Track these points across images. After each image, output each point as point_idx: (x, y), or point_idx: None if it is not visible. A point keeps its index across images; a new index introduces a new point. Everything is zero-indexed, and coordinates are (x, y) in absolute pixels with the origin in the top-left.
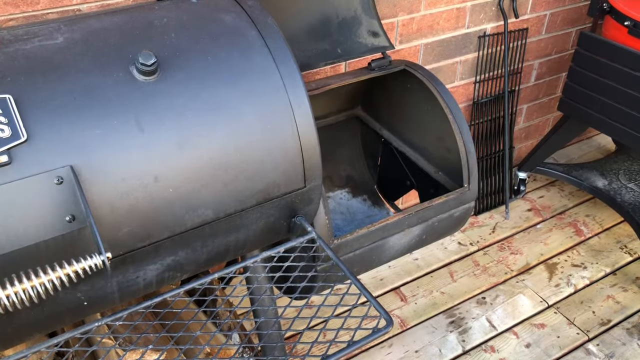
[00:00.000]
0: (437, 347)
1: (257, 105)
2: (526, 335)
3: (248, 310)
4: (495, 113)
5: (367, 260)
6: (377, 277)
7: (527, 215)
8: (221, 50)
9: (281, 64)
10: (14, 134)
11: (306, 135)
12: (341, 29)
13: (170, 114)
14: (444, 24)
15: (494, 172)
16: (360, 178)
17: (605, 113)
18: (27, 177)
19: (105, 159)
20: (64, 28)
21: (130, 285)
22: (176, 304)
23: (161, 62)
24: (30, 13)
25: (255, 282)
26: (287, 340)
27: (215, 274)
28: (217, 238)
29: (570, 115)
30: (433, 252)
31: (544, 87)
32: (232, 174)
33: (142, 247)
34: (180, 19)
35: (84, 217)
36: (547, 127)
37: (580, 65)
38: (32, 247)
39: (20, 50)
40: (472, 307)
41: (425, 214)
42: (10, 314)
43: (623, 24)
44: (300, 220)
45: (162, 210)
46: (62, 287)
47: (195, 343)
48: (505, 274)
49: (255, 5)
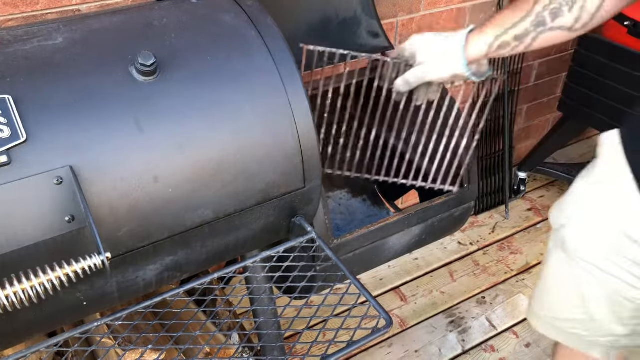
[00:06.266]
0: (437, 346)
1: (256, 106)
2: (526, 335)
3: (248, 310)
4: (495, 113)
5: (366, 260)
6: (376, 277)
7: (527, 215)
8: (221, 50)
9: (281, 64)
10: (13, 134)
11: (306, 135)
12: (341, 29)
13: (169, 114)
14: (444, 24)
15: (494, 172)
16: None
17: (605, 113)
18: (26, 178)
19: (104, 159)
20: (63, 28)
21: (130, 285)
22: (176, 304)
23: (161, 63)
24: (29, 13)
25: (254, 282)
26: (287, 340)
27: (215, 274)
28: (216, 238)
29: (570, 115)
30: (433, 252)
31: (544, 87)
32: (232, 174)
33: (141, 247)
34: (180, 19)
35: (83, 217)
36: (547, 127)
37: (580, 65)
38: (31, 247)
39: (19, 51)
40: (472, 307)
41: (425, 214)
42: (10, 314)
43: (623, 24)
44: (300, 220)
45: (161, 211)
46: (61, 287)
47: (195, 343)
48: (505, 274)
49: (255, 6)
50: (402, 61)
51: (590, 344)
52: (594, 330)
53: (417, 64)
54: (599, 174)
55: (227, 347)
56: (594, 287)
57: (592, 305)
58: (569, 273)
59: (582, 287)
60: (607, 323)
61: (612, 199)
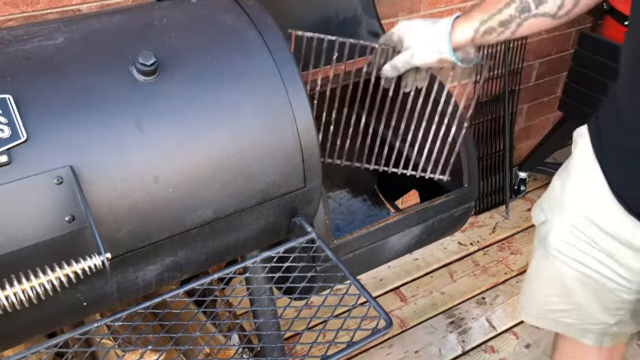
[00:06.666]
0: (437, 347)
1: (257, 106)
2: (526, 335)
3: (247, 310)
4: (495, 113)
5: (366, 261)
6: (376, 277)
7: (528, 215)
8: (221, 50)
9: (281, 64)
10: (13, 134)
11: (306, 135)
12: (341, 29)
13: (170, 114)
14: None
15: (494, 172)
16: (360, 178)
17: None
18: (26, 177)
19: (105, 159)
20: (63, 28)
21: (130, 286)
22: (176, 305)
23: (161, 62)
24: (30, 13)
25: (254, 282)
26: (287, 341)
27: (214, 275)
28: (216, 238)
29: (570, 115)
30: (433, 252)
31: (544, 87)
32: (232, 174)
33: (141, 248)
34: (180, 19)
35: (83, 217)
36: (547, 127)
37: (580, 65)
38: (31, 247)
39: (20, 51)
40: (472, 308)
41: (425, 214)
42: (10, 314)
43: (623, 24)
44: (300, 220)
45: (161, 211)
46: (61, 287)
47: (195, 343)
48: (506, 274)
49: (255, 5)
50: (390, 47)
51: (582, 332)
52: (583, 319)
53: (405, 48)
54: (571, 168)
55: (227, 347)
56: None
57: (577, 296)
58: (549, 266)
59: (563, 279)
60: (594, 312)
61: (579, 188)
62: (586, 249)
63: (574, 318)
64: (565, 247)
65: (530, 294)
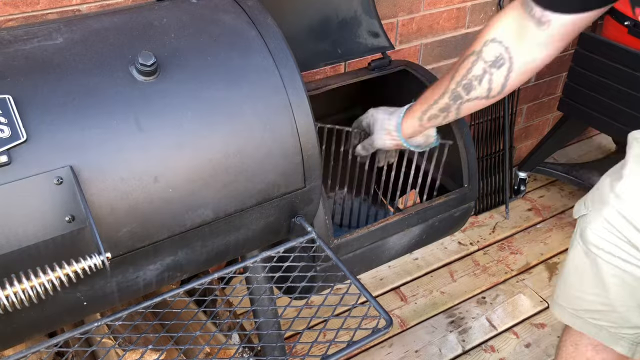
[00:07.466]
0: (437, 346)
1: (257, 106)
2: (526, 335)
3: (248, 310)
4: (495, 113)
5: (367, 260)
6: (377, 276)
7: (527, 215)
8: (221, 50)
9: (281, 64)
10: (13, 134)
11: (306, 135)
12: (341, 29)
13: (170, 114)
14: (444, 24)
15: (494, 172)
16: (360, 178)
17: (605, 113)
18: (26, 178)
19: (104, 159)
20: (63, 28)
21: (130, 285)
22: (176, 304)
23: (161, 62)
24: (29, 13)
25: (255, 282)
26: (287, 340)
27: (215, 274)
28: (216, 238)
29: (570, 115)
30: (433, 251)
31: (544, 87)
32: (232, 174)
33: (141, 247)
34: (180, 19)
35: (83, 217)
36: (547, 127)
37: (580, 65)
38: (31, 247)
39: (19, 51)
40: (472, 307)
41: (425, 214)
42: (10, 314)
43: (623, 24)
44: (300, 220)
45: (161, 210)
46: (61, 287)
47: (195, 343)
48: (505, 274)
49: (255, 5)
50: (360, 130)
51: (614, 337)
52: (616, 322)
53: (370, 133)
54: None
55: (227, 347)
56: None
57: (612, 294)
58: (587, 262)
59: (601, 274)
60: (629, 312)
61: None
62: (622, 245)
63: (608, 321)
64: (602, 242)
65: (566, 291)
